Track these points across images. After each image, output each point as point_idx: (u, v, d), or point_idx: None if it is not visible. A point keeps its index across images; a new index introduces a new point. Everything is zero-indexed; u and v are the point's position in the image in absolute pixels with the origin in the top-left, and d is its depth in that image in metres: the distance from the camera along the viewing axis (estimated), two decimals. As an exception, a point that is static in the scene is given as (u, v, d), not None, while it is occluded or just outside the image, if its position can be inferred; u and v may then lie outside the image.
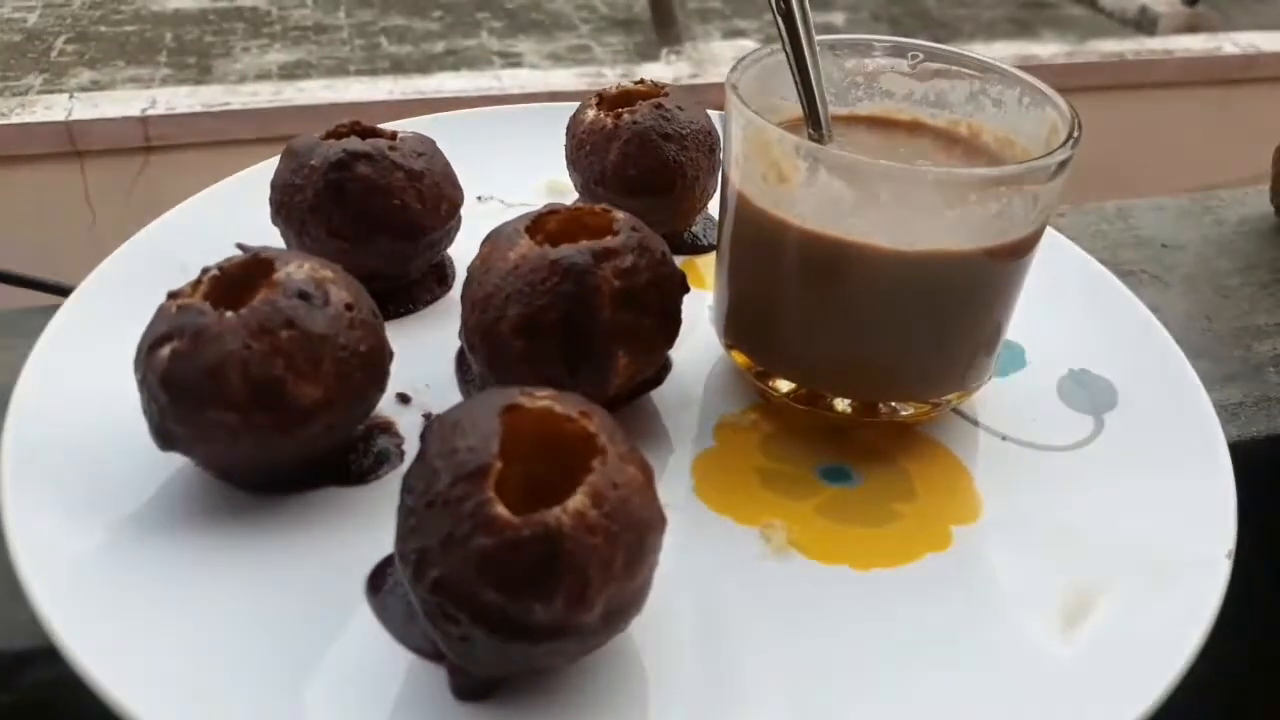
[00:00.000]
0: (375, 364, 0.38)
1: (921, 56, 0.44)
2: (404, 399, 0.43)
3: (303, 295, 0.36)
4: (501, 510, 0.29)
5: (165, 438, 0.36)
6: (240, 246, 0.50)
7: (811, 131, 0.42)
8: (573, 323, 0.39)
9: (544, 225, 0.42)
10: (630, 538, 0.30)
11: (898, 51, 0.45)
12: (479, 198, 0.57)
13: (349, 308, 0.37)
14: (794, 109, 0.42)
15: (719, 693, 0.33)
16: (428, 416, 0.43)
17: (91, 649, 0.31)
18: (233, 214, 0.51)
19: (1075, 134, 0.37)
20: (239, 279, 0.38)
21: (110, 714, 0.30)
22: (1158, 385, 0.45)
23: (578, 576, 0.29)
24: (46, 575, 0.33)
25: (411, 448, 0.41)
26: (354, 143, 0.45)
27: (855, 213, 0.36)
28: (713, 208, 0.55)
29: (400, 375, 0.43)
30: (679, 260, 0.53)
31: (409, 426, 0.42)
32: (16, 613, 0.33)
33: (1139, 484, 0.40)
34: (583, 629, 0.29)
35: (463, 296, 0.42)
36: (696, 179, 0.52)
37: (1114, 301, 0.50)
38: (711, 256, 0.54)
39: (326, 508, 0.38)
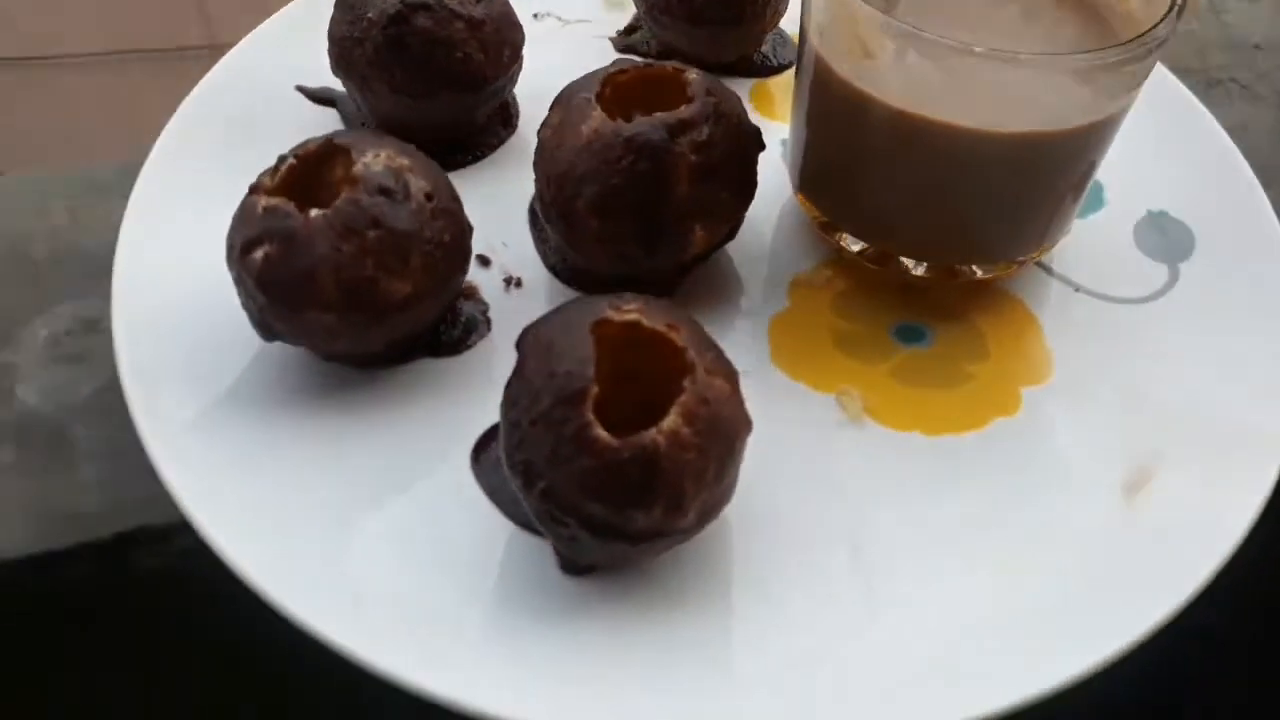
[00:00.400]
0: (458, 249, 0.39)
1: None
2: (484, 261, 0.44)
3: (384, 191, 0.36)
4: (601, 433, 0.30)
5: (267, 330, 0.38)
6: (301, 89, 0.50)
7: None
8: (649, 201, 0.39)
9: (614, 87, 0.41)
10: (720, 449, 0.32)
11: None
12: (535, 15, 0.55)
13: (429, 197, 0.37)
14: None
15: (792, 560, 0.36)
16: (509, 280, 0.44)
17: (217, 518, 0.34)
18: (288, 56, 0.50)
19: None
20: (316, 166, 0.38)
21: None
22: (1236, 234, 0.44)
23: (674, 489, 0.31)
24: (171, 447, 0.36)
25: (496, 313, 0.42)
26: (408, -6, 0.43)
27: (946, 94, 0.34)
28: (786, 23, 0.52)
29: (477, 233, 0.43)
30: (749, 84, 0.52)
31: (492, 290, 0.43)
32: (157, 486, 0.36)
33: (1206, 346, 0.41)
34: (678, 530, 0.32)
35: (535, 164, 0.41)
36: (767, 3, 0.49)
37: (1197, 131, 0.48)
38: (784, 77, 0.52)
39: (423, 378, 0.40)
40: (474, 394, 0.39)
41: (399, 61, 0.43)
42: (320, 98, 0.50)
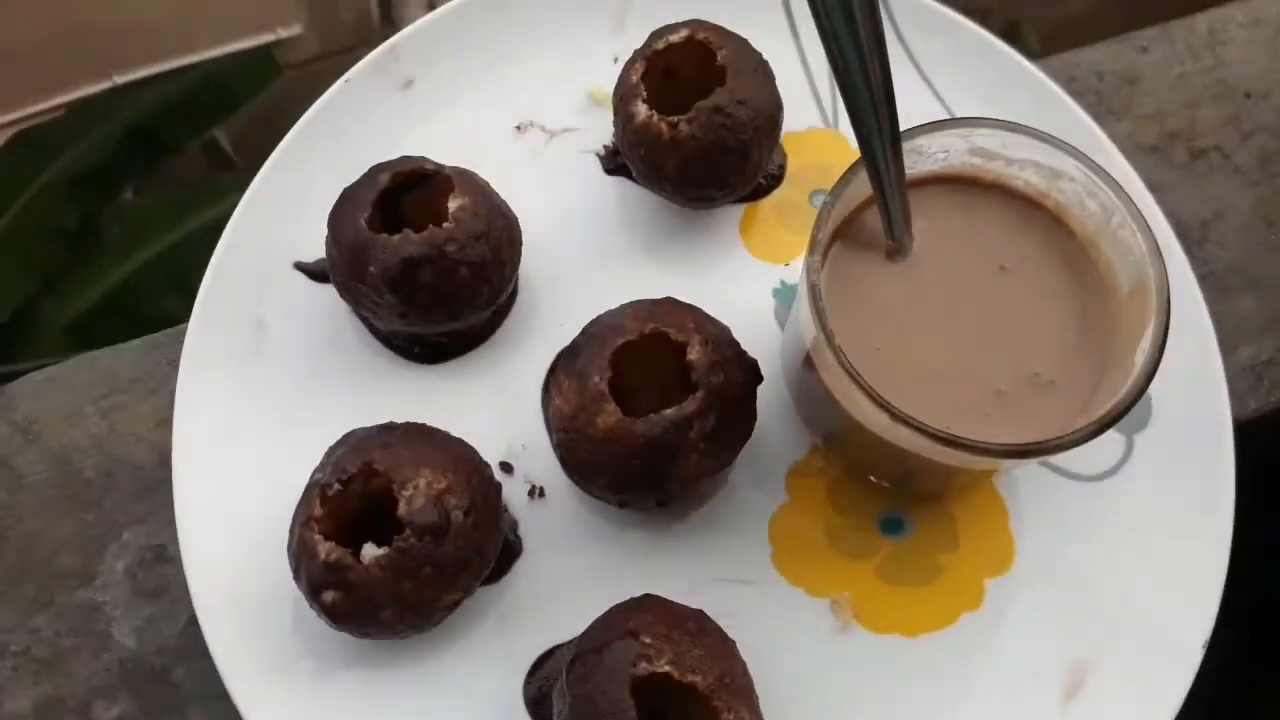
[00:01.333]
0: (494, 531, 0.43)
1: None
2: (507, 468, 0.48)
3: (429, 531, 0.40)
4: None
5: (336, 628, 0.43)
6: (300, 267, 0.50)
7: (890, 242, 0.41)
8: (661, 478, 0.43)
9: (626, 352, 0.43)
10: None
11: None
12: (517, 127, 0.53)
13: (468, 513, 0.41)
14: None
15: None
16: (533, 491, 0.48)
17: None
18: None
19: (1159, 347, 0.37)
20: (365, 487, 0.41)
21: None
22: (1189, 407, 0.48)
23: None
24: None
25: (526, 528, 0.47)
26: (410, 245, 0.43)
27: (929, 449, 0.38)
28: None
29: (496, 433, 0.47)
30: (739, 213, 0.52)
31: (517, 499, 0.48)
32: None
33: (1147, 546, 0.46)
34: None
35: (547, 422, 0.45)
36: (760, 162, 0.48)
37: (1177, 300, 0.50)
38: (772, 200, 0.53)
39: (470, 610, 0.45)
40: (522, 617, 0.46)
41: (407, 305, 0.45)
42: (320, 275, 0.50)
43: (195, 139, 1.09)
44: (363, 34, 1.21)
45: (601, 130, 0.53)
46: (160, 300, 0.96)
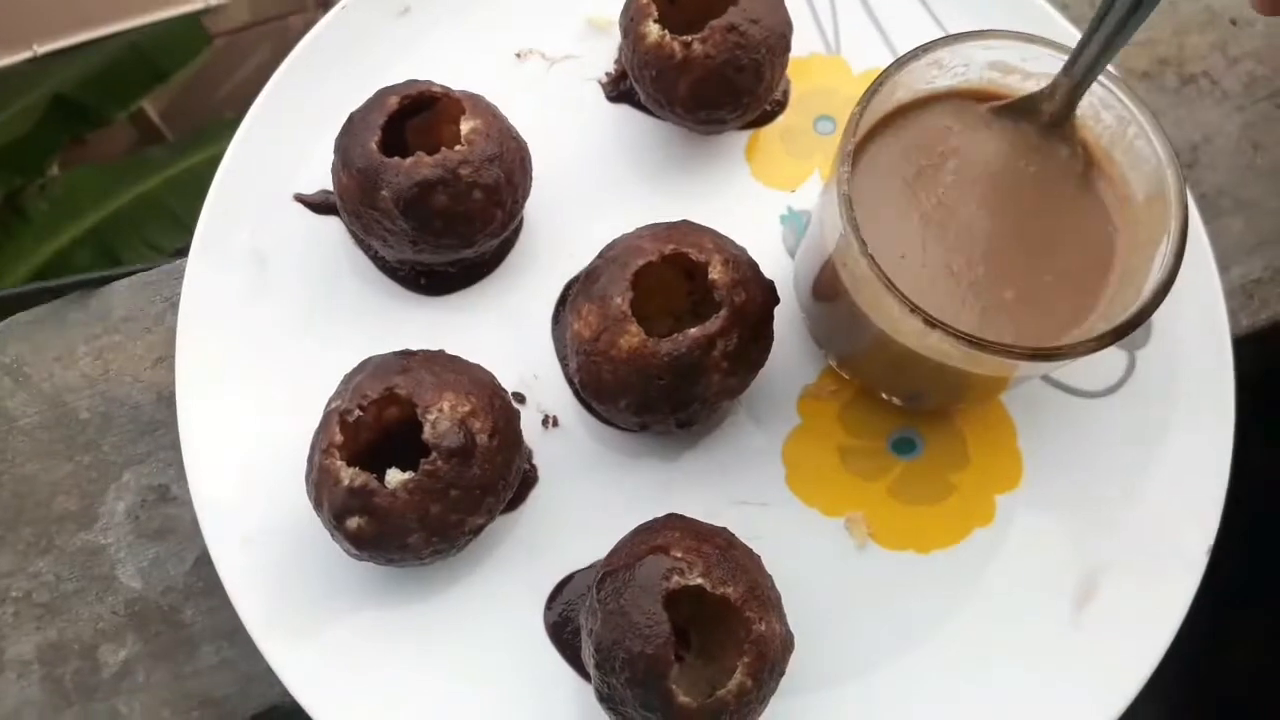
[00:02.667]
0: (516, 454, 0.43)
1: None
2: (519, 399, 0.47)
3: (455, 453, 0.39)
4: (684, 700, 0.38)
5: (359, 557, 0.42)
6: (300, 199, 0.49)
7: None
8: (684, 399, 0.42)
9: (640, 277, 0.42)
10: (771, 682, 0.39)
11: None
12: (517, 54, 0.52)
13: (491, 436, 0.41)
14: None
15: (808, 678, 0.45)
16: (547, 420, 0.47)
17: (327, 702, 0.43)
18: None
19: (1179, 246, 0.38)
20: (381, 415, 0.41)
21: None
22: (1189, 324, 0.49)
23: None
24: (281, 648, 0.43)
25: (540, 457, 0.47)
26: (424, 167, 0.42)
27: (957, 354, 0.38)
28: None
29: (509, 363, 0.47)
30: (743, 139, 0.52)
31: (532, 429, 0.47)
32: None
33: (1151, 453, 0.48)
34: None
35: (567, 353, 0.45)
36: (772, 82, 0.48)
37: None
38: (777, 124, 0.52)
39: (487, 540, 0.45)
40: (540, 544, 0.45)
41: (420, 232, 0.44)
42: (322, 206, 0.49)
43: (123, 110, 1.06)
44: (295, 1, 1.17)
45: (603, 57, 0.52)
46: (92, 276, 0.93)
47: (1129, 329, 0.38)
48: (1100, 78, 0.40)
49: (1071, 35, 0.52)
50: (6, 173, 0.98)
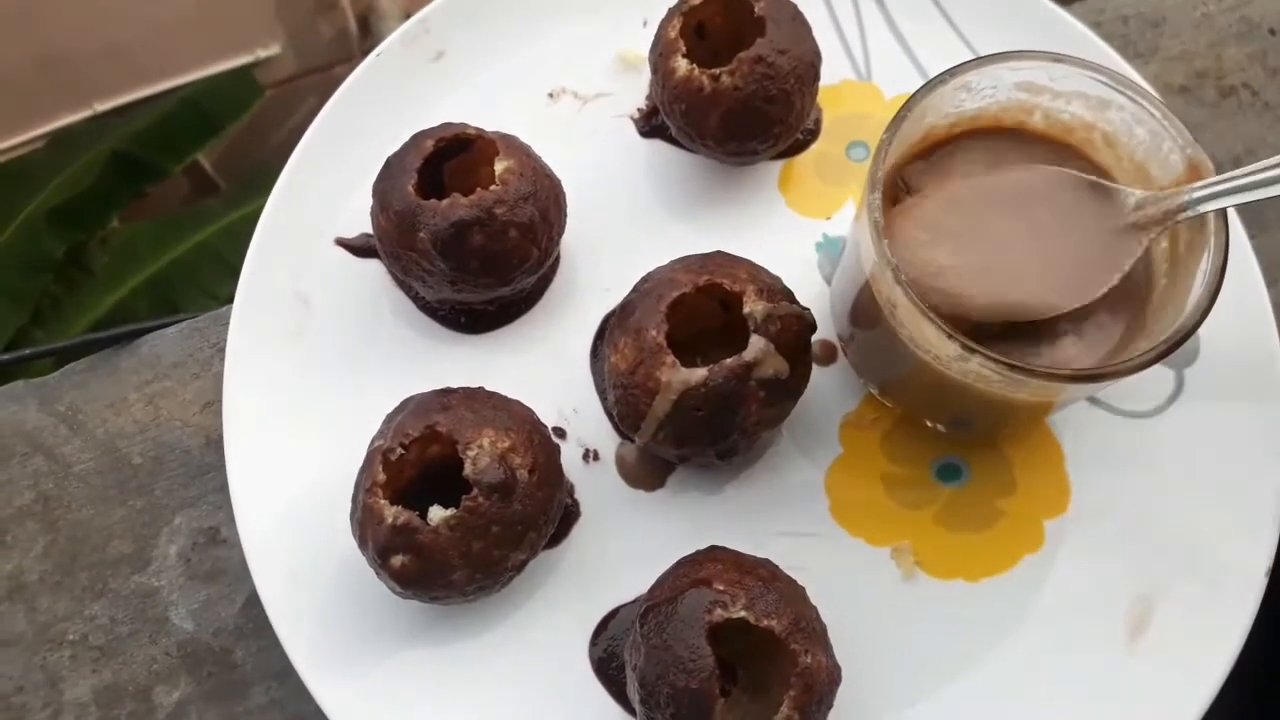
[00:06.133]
0: (557, 489, 0.43)
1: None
2: (560, 433, 0.48)
3: (496, 489, 0.40)
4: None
5: (403, 595, 0.42)
6: (341, 243, 0.50)
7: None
8: (722, 429, 0.42)
9: (675, 309, 0.43)
10: (820, 715, 0.39)
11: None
12: (550, 94, 0.53)
13: (532, 471, 0.41)
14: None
15: (856, 711, 0.44)
16: (588, 454, 0.47)
17: None
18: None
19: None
20: (423, 453, 0.41)
21: None
22: (1238, 341, 0.48)
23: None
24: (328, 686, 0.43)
25: (582, 491, 0.47)
26: (460, 208, 0.43)
27: (995, 380, 0.38)
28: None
29: (548, 399, 0.47)
30: (776, 169, 0.52)
31: (573, 463, 0.47)
32: None
33: (1202, 473, 0.46)
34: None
35: (605, 385, 0.45)
36: (803, 111, 0.48)
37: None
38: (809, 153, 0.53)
39: (533, 575, 0.45)
40: (584, 579, 0.45)
41: (458, 271, 0.44)
42: (362, 249, 0.50)
43: (178, 164, 1.08)
44: (341, 51, 1.20)
45: (635, 94, 0.53)
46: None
47: (1172, 347, 0.37)
48: (1129, 92, 0.39)
49: (1103, 52, 0.51)
50: (70, 228, 1.02)
